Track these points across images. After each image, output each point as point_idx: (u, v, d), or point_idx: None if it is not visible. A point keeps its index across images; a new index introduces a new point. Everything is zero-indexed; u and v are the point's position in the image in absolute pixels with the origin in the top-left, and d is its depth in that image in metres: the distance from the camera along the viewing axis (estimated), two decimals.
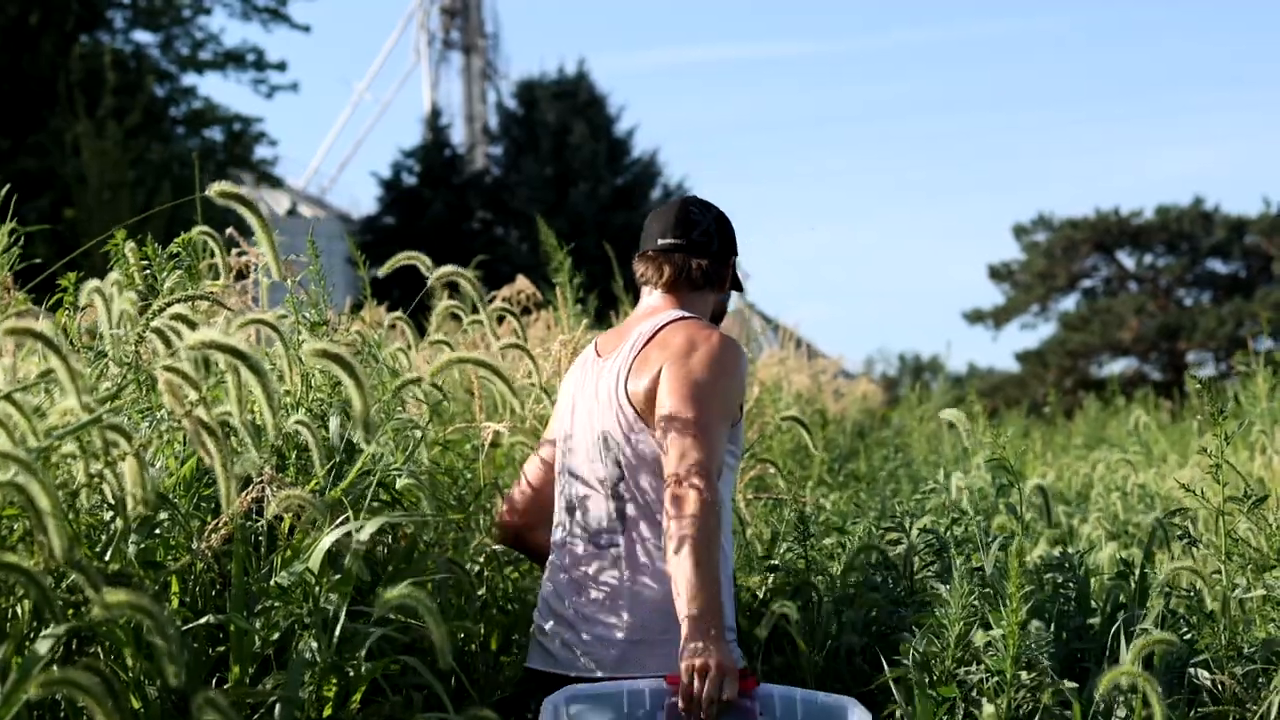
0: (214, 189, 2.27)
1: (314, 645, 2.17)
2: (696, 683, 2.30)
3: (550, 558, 2.75)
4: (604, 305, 6.30)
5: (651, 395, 2.59)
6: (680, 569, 2.38)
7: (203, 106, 24.62)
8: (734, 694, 2.30)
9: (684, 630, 2.34)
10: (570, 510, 2.70)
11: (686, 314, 2.74)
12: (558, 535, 2.74)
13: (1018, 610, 2.45)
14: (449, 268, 2.81)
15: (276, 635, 2.23)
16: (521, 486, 2.92)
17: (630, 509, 2.60)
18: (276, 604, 2.23)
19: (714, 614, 2.34)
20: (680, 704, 2.31)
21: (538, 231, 5.22)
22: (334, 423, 2.52)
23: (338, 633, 2.20)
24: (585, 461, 2.68)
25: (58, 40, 21.74)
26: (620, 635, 2.55)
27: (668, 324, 2.69)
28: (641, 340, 2.68)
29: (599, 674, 2.53)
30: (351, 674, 2.25)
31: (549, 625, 2.65)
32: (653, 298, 2.80)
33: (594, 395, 2.71)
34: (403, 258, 2.80)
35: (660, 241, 2.78)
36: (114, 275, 2.57)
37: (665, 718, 2.33)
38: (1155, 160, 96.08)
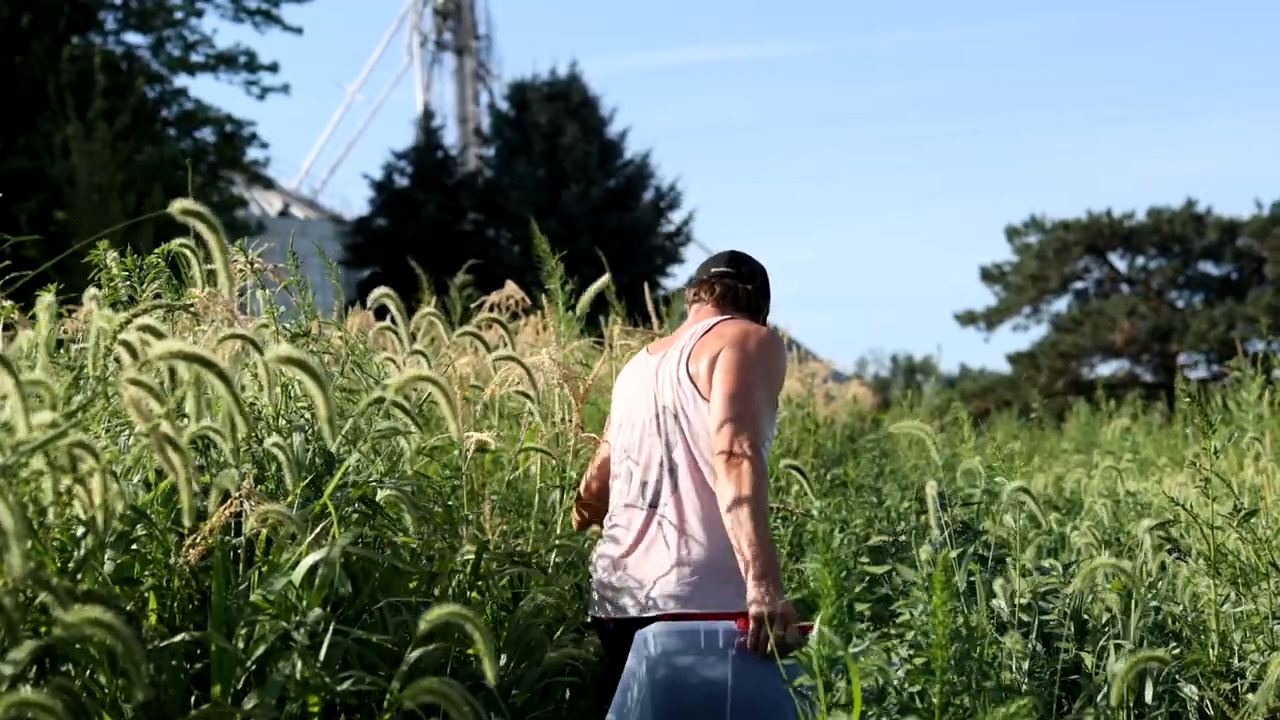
0: (176, 206, 2.27)
1: (298, 663, 2.14)
2: (764, 628, 2.70)
3: (612, 524, 3.09)
4: (596, 308, 6.24)
5: (709, 374, 2.98)
6: (741, 530, 2.76)
7: (194, 108, 24.53)
8: (794, 637, 2.68)
9: (749, 583, 2.73)
10: (629, 480, 3.07)
11: (737, 316, 3.14)
12: (624, 506, 3.06)
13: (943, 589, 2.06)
14: (381, 289, 3.31)
15: (260, 651, 2.19)
16: (589, 480, 3.31)
17: (681, 474, 2.98)
18: (261, 619, 2.20)
19: (773, 568, 2.74)
20: (749, 643, 2.72)
21: (530, 233, 5.18)
22: (298, 438, 2.51)
23: (324, 649, 2.17)
24: (642, 437, 3.06)
25: (49, 42, 21.66)
26: (689, 576, 2.92)
27: (722, 320, 3.10)
28: (701, 331, 3.08)
29: (668, 610, 2.89)
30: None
31: (616, 579, 3.00)
32: (703, 310, 3.20)
33: (653, 379, 3.09)
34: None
35: (714, 269, 3.23)
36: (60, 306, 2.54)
37: (737, 654, 2.74)
38: (1147, 162, 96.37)
